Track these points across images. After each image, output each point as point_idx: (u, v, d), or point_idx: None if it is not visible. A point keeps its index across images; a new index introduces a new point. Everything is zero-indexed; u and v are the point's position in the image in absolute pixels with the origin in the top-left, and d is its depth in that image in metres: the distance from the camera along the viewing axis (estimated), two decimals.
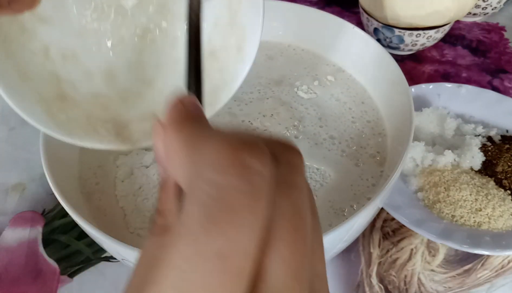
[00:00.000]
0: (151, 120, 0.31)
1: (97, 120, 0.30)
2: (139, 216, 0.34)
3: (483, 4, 0.63)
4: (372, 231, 0.42)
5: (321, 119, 0.40)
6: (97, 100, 0.30)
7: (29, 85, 0.27)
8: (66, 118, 0.28)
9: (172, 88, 0.32)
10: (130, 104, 0.31)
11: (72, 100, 0.29)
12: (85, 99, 0.30)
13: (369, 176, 0.36)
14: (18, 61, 0.26)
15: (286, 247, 0.12)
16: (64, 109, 0.29)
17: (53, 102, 0.28)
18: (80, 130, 0.29)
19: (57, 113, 0.28)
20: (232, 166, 0.12)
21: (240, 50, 0.31)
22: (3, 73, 0.24)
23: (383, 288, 0.38)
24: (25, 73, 0.27)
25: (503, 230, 0.39)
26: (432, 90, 0.50)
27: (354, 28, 0.43)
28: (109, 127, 0.30)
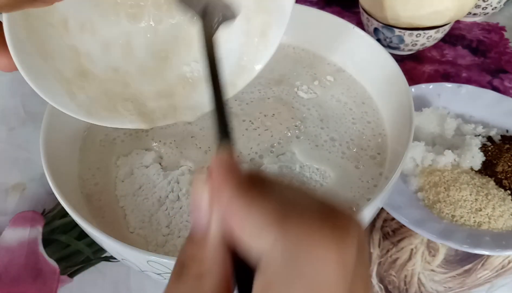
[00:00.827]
0: (167, 98, 0.32)
1: (117, 98, 0.30)
2: (139, 215, 0.34)
3: (483, 4, 0.63)
4: (372, 231, 0.42)
5: (322, 120, 0.40)
6: (116, 76, 0.30)
7: (49, 64, 0.27)
8: (86, 98, 0.29)
9: (187, 65, 0.32)
10: (148, 80, 0.31)
11: (92, 76, 0.29)
12: (104, 74, 0.30)
13: (369, 177, 0.36)
14: (39, 38, 0.26)
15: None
16: (84, 88, 0.29)
17: (73, 81, 0.28)
18: (101, 110, 0.29)
19: (77, 93, 0.28)
20: (331, 242, 0.13)
21: (264, 35, 0.31)
22: (24, 54, 0.24)
23: (383, 288, 0.39)
24: (45, 50, 0.27)
25: (503, 230, 0.39)
26: (432, 90, 0.50)
27: (354, 28, 0.43)
28: (129, 106, 0.30)
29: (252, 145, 0.38)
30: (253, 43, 0.31)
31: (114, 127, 0.30)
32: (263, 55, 0.31)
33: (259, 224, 0.13)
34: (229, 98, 0.41)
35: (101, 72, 0.30)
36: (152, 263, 0.27)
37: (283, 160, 0.37)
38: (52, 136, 0.35)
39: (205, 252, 0.15)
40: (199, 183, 0.16)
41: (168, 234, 0.32)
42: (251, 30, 0.31)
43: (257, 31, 0.31)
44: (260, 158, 0.37)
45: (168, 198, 0.34)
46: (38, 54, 0.26)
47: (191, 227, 0.16)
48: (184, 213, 0.33)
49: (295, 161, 0.37)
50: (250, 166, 0.36)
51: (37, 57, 0.26)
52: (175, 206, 0.34)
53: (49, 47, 0.27)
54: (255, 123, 0.40)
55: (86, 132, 0.40)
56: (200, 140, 0.38)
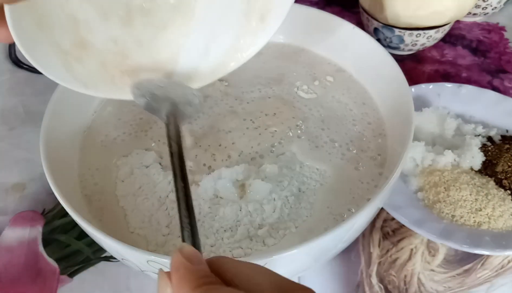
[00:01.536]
0: (162, 72, 0.32)
1: (115, 70, 0.30)
2: (139, 215, 0.34)
3: (483, 4, 0.63)
4: (372, 231, 0.42)
5: (323, 121, 0.40)
6: (114, 47, 0.30)
7: (47, 35, 0.27)
8: (83, 70, 0.29)
9: (185, 36, 0.32)
10: (145, 50, 0.31)
11: (90, 47, 0.29)
12: (102, 45, 0.30)
13: (369, 179, 0.36)
14: (38, 7, 0.26)
15: None
16: (81, 60, 0.29)
17: (71, 52, 0.28)
18: (98, 82, 0.29)
19: (74, 65, 0.28)
20: None
21: (263, 20, 0.31)
22: (22, 25, 0.24)
23: (383, 288, 0.39)
24: (43, 20, 0.26)
25: (503, 230, 0.39)
26: (432, 90, 0.50)
27: (354, 28, 0.43)
28: (126, 79, 0.30)
29: (253, 145, 0.38)
30: (251, 26, 0.31)
31: (110, 97, 0.31)
32: (259, 40, 0.31)
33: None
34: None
35: (99, 42, 0.30)
36: (152, 263, 0.27)
37: (283, 159, 0.37)
38: (52, 136, 0.35)
39: None
40: (162, 281, 0.17)
41: (168, 233, 0.32)
42: (251, 12, 0.31)
43: (256, 15, 0.31)
44: (261, 157, 0.37)
45: (168, 197, 0.34)
46: (36, 25, 0.26)
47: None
48: None
49: (295, 161, 0.37)
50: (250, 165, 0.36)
51: (34, 28, 0.26)
52: (175, 206, 0.34)
53: (47, 17, 0.27)
54: (256, 122, 0.40)
55: (86, 133, 0.40)
56: (200, 138, 0.38)
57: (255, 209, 0.33)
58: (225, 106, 0.42)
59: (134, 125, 0.41)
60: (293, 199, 0.34)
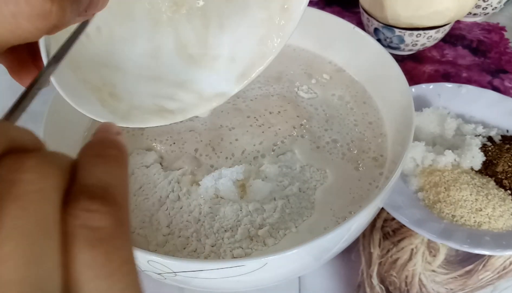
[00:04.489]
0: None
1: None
2: (139, 215, 0.34)
3: (483, 4, 0.63)
4: (372, 231, 0.42)
5: (328, 121, 0.40)
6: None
7: (77, 73, 0.27)
8: (118, 104, 0.28)
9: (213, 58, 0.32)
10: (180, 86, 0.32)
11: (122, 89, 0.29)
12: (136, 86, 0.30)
13: (369, 179, 0.36)
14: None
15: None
16: (115, 96, 0.29)
17: (102, 88, 0.28)
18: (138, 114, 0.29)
19: (108, 100, 0.28)
20: None
21: (285, 9, 0.30)
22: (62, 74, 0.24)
23: (384, 289, 0.38)
24: (74, 61, 0.26)
25: (503, 230, 0.39)
26: (433, 90, 0.50)
27: (355, 28, 0.43)
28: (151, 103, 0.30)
29: (255, 142, 0.38)
30: (274, 21, 0.31)
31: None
32: (286, 31, 0.31)
33: None
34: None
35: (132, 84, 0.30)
36: (152, 263, 0.27)
37: (283, 159, 0.37)
38: (52, 136, 0.35)
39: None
40: None
41: (169, 234, 0.32)
42: (270, 5, 0.30)
43: (277, 5, 0.30)
44: (262, 157, 0.37)
45: (168, 198, 0.34)
46: (67, 66, 0.26)
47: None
48: (185, 213, 0.33)
49: (296, 161, 0.37)
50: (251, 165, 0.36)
51: (67, 70, 0.26)
52: (175, 206, 0.34)
53: (76, 57, 0.27)
54: (259, 120, 0.40)
55: (86, 133, 0.40)
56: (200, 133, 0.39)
57: (255, 208, 0.33)
58: (227, 104, 0.42)
59: None
60: (293, 198, 0.34)
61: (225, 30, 0.32)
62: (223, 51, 0.32)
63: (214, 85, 0.32)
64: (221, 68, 0.32)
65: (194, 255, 0.31)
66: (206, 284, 0.29)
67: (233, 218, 0.32)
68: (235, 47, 0.32)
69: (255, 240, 0.31)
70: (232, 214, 0.33)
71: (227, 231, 0.32)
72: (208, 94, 0.31)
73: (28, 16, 0.16)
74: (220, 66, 0.32)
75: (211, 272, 0.26)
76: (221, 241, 0.32)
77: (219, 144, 0.38)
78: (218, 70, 0.32)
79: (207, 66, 0.32)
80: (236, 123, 0.39)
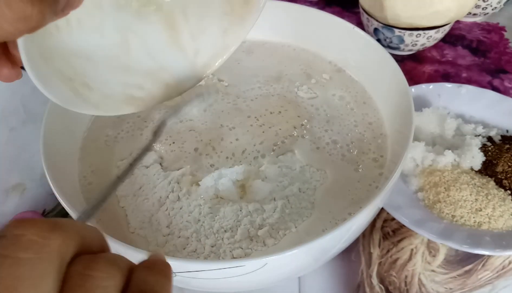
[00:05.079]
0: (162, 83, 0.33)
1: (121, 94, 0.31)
2: (139, 216, 0.34)
3: (483, 4, 0.63)
4: (372, 231, 0.42)
5: (328, 122, 0.40)
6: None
7: (49, 64, 0.27)
8: (90, 93, 0.30)
9: (175, 44, 0.34)
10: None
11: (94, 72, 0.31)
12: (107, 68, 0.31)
13: (369, 179, 0.36)
14: (42, 41, 0.26)
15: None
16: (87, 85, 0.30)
17: (75, 78, 0.29)
18: (108, 103, 0.31)
19: (81, 89, 0.29)
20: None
21: (247, 2, 0.32)
22: (34, 60, 0.24)
23: (383, 288, 0.38)
24: (45, 52, 0.27)
25: (503, 230, 0.39)
26: (432, 90, 0.50)
27: (354, 28, 0.43)
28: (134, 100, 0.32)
29: (256, 142, 0.38)
30: (237, 12, 0.33)
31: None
32: (247, 23, 0.33)
33: None
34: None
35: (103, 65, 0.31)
36: None
37: (283, 160, 0.37)
38: (52, 136, 0.35)
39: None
40: None
41: (168, 234, 0.32)
42: (233, 1, 0.32)
43: (239, 1, 0.32)
44: (262, 157, 0.37)
45: (168, 198, 0.34)
46: (41, 57, 0.26)
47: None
48: (184, 213, 0.33)
49: (295, 161, 0.37)
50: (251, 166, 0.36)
51: (41, 61, 0.26)
52: (175, 206, 0.34)
53: (48, 48, 0.27)
54: (260, 120, 0.40)
55: (86, 133, 0.40)
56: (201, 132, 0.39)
57: (255, 209, 0.33)
58: (227, 104, 0.42)
59: (131, 123, 0.41)
60: (293, 199, 0.34)
61: (190, 23, 0.33)
62: (188, 43, 0.34)
63: (179, 75, 0.33)
64: (187, 58, 0.34)
65: (194, 256, 0.31)
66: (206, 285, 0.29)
67: (233, 218, 0.32)
68: (200, 38, 0.33)
69: (255, 240, 0.31)
70: (232, 214, 0.33)
71: (227, 231, 0.32)
72: (175, 83, 0.33)
73: (10, 20, 0.17)
74: (185, 56, 0.34)
75: (211, 273, 0.26)
76: (221, 241, 0.32)
77: (220, 143, 0.38)
78: (183, 60, 0.34)
79: (173, 56, 0.34)
80: (237, 123, 0.39)
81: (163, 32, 0.33)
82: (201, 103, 0.40)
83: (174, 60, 0.34)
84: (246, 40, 0.50)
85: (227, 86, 0.44)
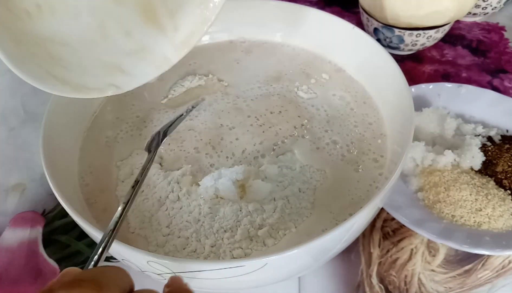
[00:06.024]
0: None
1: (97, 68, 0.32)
2: (139, 216, 0.34)
3: (483, 4, 0.63)
4: (372, 231, 0.42)
5: (329, 122, 0.40)
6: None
7: (22, 49, 0.28)
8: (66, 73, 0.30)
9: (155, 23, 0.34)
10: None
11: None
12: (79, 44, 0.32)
13: (369, 179, 0.36)
14: (11, 26, 0.27)
15: None
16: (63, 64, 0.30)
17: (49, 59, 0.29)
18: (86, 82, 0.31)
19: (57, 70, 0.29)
20: None
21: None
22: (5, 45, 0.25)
23: (383, 288, 0.38)
24: (16, 36, 0.27)
25: (503, 230, 0.39)
26: (432, 90, 0.50)
27: (354, 28, 0.43)
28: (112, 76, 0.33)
29: (256, 142, 0.38)
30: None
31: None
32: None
33: None
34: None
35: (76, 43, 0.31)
36: (152, 263, 0.27)
37: (283, 160, 0.37)
38: (52, 136, 0.35)
39: None
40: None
41: (168, 234, 0.32)
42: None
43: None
44: (262, 157, 0.37)
45: (168, 198, 0.34)
46: (11, 40, 0.27)
47: None
48: (184, 213, 0.33)
49: (295, 161, 0.37)
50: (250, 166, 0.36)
51: (12, 44, 0.26)
52: (175, 206, 0.34)
53: (19, 33, 0.28)
54: (260, 119, 0.40)
55: (86, 133, 0.40)
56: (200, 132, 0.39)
57: (255, 209, 0.33)
58: (227, 104, 0.42)
59: (130, 123, 0.41)
60: (293, 199, 0.34)
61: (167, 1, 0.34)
62: (167, 21, 0.34)
63: (160, 53, 0.34)
64: (167, 36, 0.34)
65: (194, 256, 0.31)
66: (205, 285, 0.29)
67: (232, 218, 0.32)
68: (177, 15, 0.34)
69: (255, 240, 0.31)
70: (232, 214, 0.33)
71: (226, 231, 0.32)
72: (156, 61, 0.34)
73: None
74: (165, 34, 0.34)
75: (211, 273, 0.26)
76: (220, 241, 0.32)
77: (219, 143, 0.38)
78: (163, 38, 0.34)
79: (153, 36, 0.34)
80: (237, 123, 0.39)
81: (140, 13, 0.34)
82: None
83: (154, 40, 0.34)
84: (245, 40, 0.50)
85: (226, 86, 0.44)
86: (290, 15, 0.47)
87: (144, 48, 0.34)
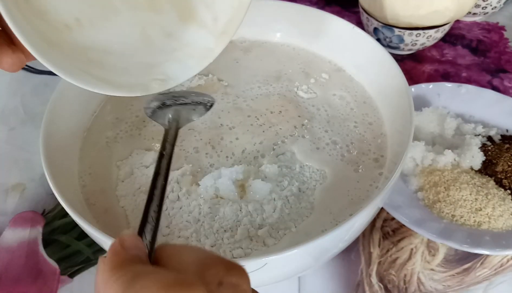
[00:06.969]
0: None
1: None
2: (139, 215, 0.33)
3: (483, 3, 0.63)
4: (372, 231, 0.42)
5: (329, 122, 0.40)
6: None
7: (57, 50, 0.28)
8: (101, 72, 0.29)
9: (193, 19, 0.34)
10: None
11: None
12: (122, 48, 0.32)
13: (369, 179, 0.36)
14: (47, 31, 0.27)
15: None
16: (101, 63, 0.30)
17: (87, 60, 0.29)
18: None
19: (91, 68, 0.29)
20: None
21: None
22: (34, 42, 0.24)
23: (382, 287, 0.39)
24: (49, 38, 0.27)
25: (503, 229, 0.39)
26: (432, 90, 0.50)
27: (354, 28, 0.43)
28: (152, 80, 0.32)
29: (256, 142, 0.38)
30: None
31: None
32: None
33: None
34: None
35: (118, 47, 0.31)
36: None
37: (283, 159, 0.37)
38: (52, 136, 0.35)
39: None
40: (99, 266, 0.17)
41: (168, 234, 0.32)
42: None
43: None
44: (262, 156, 0.37)
45: (168, 198, 0.34)
46: (45, 42, 0.26)
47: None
48: (184, 213, 0.33)
49: (295, 161, 0.37)
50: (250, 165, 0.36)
51: (45, 45, 0.26)
52: (175, 206, 0.34)
53: (59, 41, 0.28)
54: (260, 119, 0.40)
55: (86, 133, 0.40)
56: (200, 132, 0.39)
57: (255, 209, 0.33)
58: (227, 104, 0.42)
59: (129, 123, 0.41)
60: (293, 199, 0.34)
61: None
62: (204, 14, 0.34)
63: (202, 45, 0.33)
64: (207, 28, 0.34)
65: None
66: None
67: (232, 218, 0.32)
68: (214, 5, 0.33)
69: (255, 240, 0.32)
70: (232, 214, 0.33)
71: (226, 231, 0.32)
72: (200, 54, 0.33)
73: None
74: (205, 27, 0.34)
75: None
76: (220, 241, 0.32)
77: (219, 143, 0.38)
78: (204, 31, 0.34)
79: (194, 31, 0.34)
80: (237, 123, 0.39)
81: (178, 15, 0.33)
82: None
83: (196, 35, 0.34)
84: (245, 40, 0.50)
85: (226, 85, 0.44)
86: (290, 15, 0.47)
87: (187, 44, 0.34)
